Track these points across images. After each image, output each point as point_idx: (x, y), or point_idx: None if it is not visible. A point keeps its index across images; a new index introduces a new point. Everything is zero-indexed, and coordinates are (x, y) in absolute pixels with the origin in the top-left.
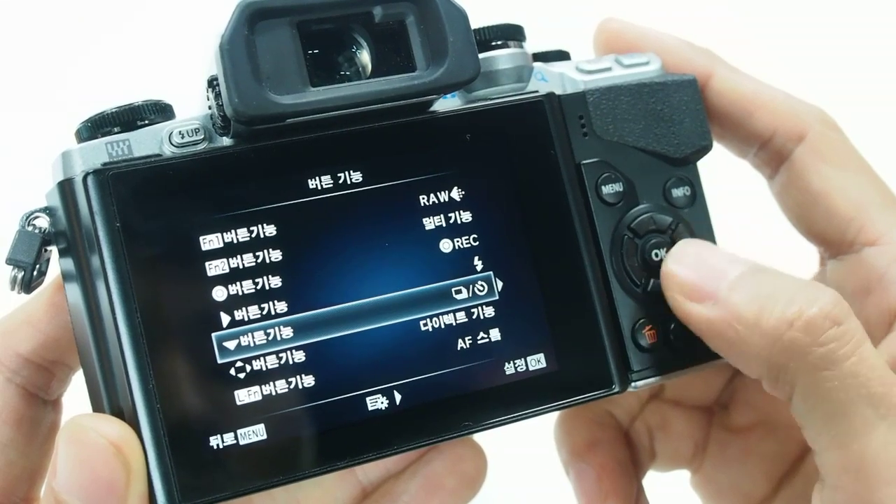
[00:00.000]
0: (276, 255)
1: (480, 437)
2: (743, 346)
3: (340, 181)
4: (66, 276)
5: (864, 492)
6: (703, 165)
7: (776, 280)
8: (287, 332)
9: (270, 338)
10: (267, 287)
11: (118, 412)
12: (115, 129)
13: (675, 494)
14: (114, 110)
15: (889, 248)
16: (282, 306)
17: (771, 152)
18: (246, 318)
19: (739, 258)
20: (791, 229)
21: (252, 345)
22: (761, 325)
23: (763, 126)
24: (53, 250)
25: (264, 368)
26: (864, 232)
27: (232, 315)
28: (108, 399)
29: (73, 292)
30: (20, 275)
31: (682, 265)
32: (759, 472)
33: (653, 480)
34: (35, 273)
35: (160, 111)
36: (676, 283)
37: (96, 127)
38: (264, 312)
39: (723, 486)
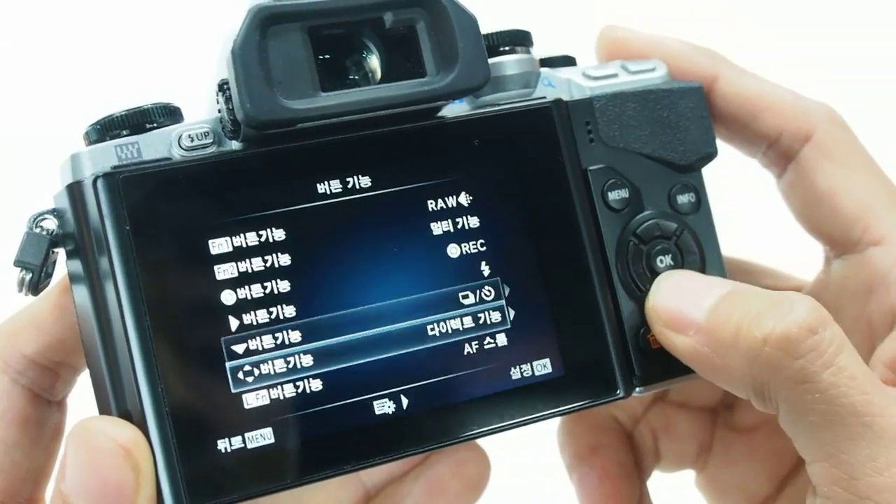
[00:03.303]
0: (284, 260)
1: (484, 441)
2: (727, 370)
3: (349, 186)
4: (73, 278)
5: (854, 503)
6: (708, 172)
7: (751, 298)
8: (295, 336)
9: (279, 342)
10: (276, 291)
11: (126, 415)
12: (124, 132)
13: (679, 494)
14: (122, 113)
15: (893, 249)
16: (290, 311)
17: (778, 152)
18: (255, 323)
19: (718, 282)
20: (794, 234)
21: (260, 349)
22: (738, 347)
23: (769, 127)
24: (60, 252)
25: (272, 372)
26: (868, 232)
27: (241, 319)
28: (116, 401)
29: (81, 294)
30: (28, 277)
31: (663, 298)
32: (763, 471)
33: (657, 481)
34: (42, 275)
35: (169, 114)
36: (658, 317)
37: (105, 129)
38: (273, 317)
39: (727, 486)
